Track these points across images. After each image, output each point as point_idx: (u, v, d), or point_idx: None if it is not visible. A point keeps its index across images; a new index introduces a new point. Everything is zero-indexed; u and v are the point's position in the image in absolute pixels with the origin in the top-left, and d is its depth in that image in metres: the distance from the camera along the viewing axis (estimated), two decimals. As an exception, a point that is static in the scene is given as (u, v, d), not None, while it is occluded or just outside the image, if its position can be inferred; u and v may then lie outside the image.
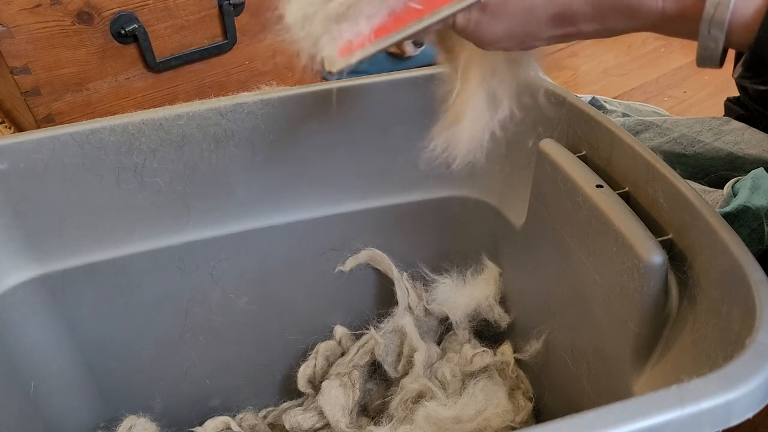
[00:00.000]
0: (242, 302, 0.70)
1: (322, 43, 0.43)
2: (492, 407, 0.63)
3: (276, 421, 0.73)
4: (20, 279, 0.61)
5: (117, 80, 0.84)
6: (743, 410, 0.33)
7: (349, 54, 0.42)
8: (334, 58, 0.43)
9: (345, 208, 0.69)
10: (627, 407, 0.32)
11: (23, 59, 0.76)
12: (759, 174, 0.63)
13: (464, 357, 0.70)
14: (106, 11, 0.79)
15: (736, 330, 0.39)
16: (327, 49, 0.43)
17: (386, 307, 0.74)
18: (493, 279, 0.70)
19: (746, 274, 0.39)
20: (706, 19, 0.36)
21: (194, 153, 0.61)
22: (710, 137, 0.76)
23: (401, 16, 0.42)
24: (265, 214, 0.66)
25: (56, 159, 0.58)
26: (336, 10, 0.42)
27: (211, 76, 0.91)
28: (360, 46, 0.42)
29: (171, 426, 0.71)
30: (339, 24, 0.42)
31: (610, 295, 0.51)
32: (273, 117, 0.62)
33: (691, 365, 0.43)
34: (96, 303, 0.65)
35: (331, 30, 0.43)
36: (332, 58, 0.43)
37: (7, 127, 0.90)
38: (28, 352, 0.63)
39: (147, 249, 0.64)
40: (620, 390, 0.50)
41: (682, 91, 1.34)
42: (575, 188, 0.53)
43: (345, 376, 0.69)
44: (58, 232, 0.61)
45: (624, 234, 0.47)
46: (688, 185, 0.46)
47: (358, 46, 0.42)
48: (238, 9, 0.88)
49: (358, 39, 0.42)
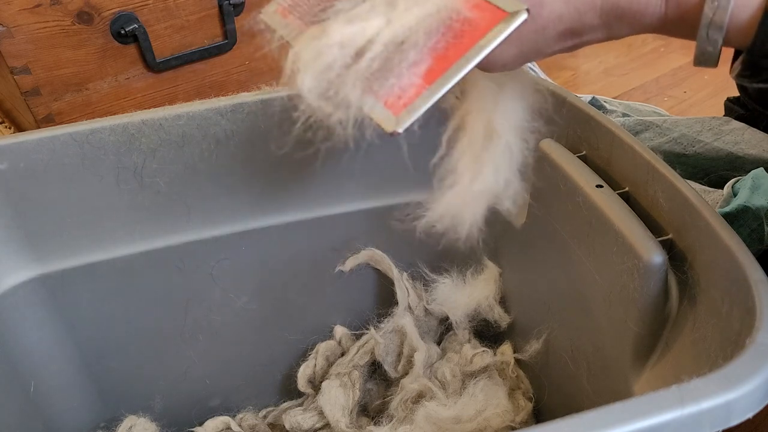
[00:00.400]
0: (242, 302, 0.70)
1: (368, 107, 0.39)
2: (492, 407, 0.63)
3: (276, 421, 0.73)
4: (20, 279, 0.61)
5: (117, 80, 0.84)
6: (743, 410, 0.33)
7: (409, 107, 0.38)
8: (390, 118, 0.38)
9: (345, 208, 0.69)
10: (627, 407, 0.32)
11: (23, 59, 0.76)
12: (759, 174, 0.63)
13: (464, 357, 0.70)
14: (106, 11, 0.79)
15: (736, 330, 0.39)
16: (377, 111, 0.39)
17: (386, 307, 0.74)
18: (493, 279, 0.70)
19: (746, 274, 0.39)
20: (704, 22, 0.36)
21: (194, 153, 0.61)
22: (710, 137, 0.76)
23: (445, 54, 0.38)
24: (265, 214, 0.66)
25: (56, 159, 0.58)
26: (370, 67, 0.38)
27: (211, 76, 0.91)
28: (417, 96, 0.38)
29: (171, 426, 0.71)
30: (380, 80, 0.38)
31: (610, 295, 0.51)
32: (273, 117, 0.62)
33: (691, 365, 0.43)
34: (96, 303, 0.65)
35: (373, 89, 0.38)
36: (388, 118, 0.38)
37: (7, 127, 0.90)
38: (28, 352, 0.63)
39: (147, 249, 0.64)
40: (620, 390, 0.50)
41: (682, 91, 1.34)
42: (575, 188, 0.53)
43: (345, 376, 0.69)
44: (58, 232, 0.61)
45: (624, 234, 0.47)
46: (688, 185, 0.46)
47: (414, 97, 0.38)
48: (238, 9, 0.88)
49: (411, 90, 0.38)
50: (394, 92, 0.38)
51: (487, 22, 0.37)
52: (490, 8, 0.38)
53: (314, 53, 0.39)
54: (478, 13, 0.38)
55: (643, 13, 0.38)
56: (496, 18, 0.37)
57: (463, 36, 0.38)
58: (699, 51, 0.37)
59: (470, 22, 0.38)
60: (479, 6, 0.38)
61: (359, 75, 0.38)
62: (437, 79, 0.38)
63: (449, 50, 0.38)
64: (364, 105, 0.39)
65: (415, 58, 0.38)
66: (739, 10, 0.35)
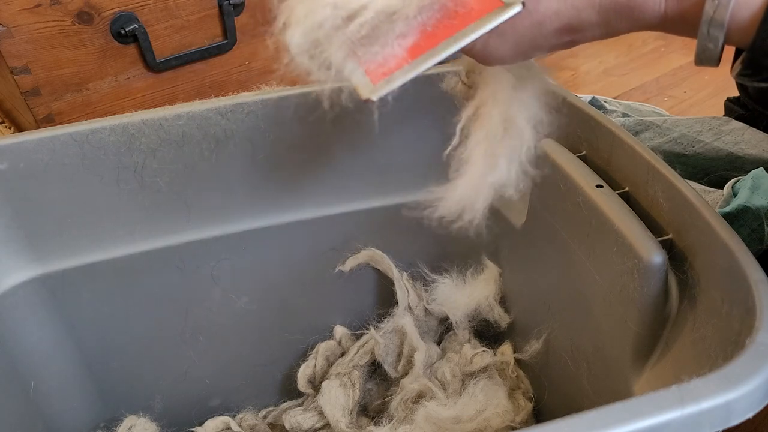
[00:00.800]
0: (242, 302, 0.70)
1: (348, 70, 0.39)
2: (492, 407, 0.63)
3: (276, 421, 0.73)
4: (20, 279, 0.61)
5: (117, 80, 0.84)
6: (743, 410, 0.33)
7: (388, 78, 0.38)
8: (368, 85, 0.38)
9: (345, 208, 0.69)
10: (627, 407, 0.32)
11: (23, 59, 0.76)
12: (759, 174, 0.63)
13: (464, 357, 0.70)
14: (106, 11, 0.79)
15: (736, 330, 0.39)
16: (356, 75, 0.39)
17: (386, 307, 0.74)
18: (493, 279, 0.70)
19: (746, 274, 0.39)
20: (705, 19, 0.36)
21: (194, 153, 0.61)
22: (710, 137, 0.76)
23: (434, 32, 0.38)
24: (265, 214, 0.66)
25: (56, 159, 0.58)
26: (358, 33, 0.38)
27: (211, 76, 0.91)
28: (397, 68, 0.38)
29: (171, 426, 0.71)
30: (366, 47, 0.38)
31: (610, 295, 0.51)
32: (273, 117, 0.62)
33: (691, 365, 0.43)
34: (96, 303, 0.65)
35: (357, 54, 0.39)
36: (366, 85, 0.39)
37: (7, 127, 0.90)
38: (28, 352, 0.63)
39: (147, 249, 0.64)
40: (620, 390, 0.50)
41: (682, 91, 1.34)
42: (575, 188, 0.53)
43: (345, 376, 0.69)
44: (58, 232, 0.61)
45: (624, 234, 0.47)
46: (688, 185, 0.46)
47: (394, 68, 0.38)
48: (238, 9, 0.88)
49: (393, 61, 0.38)
50: (377, 60, 0.39)
51: (481, 8, 0.37)
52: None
53: (307, 10, 0.39)
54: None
55: (642, 10, 0.38)
56: (491, 5, 0.37)
57: (455, 17, 0.38)
58: (700, 49, 0.37)
59: (465, 4, 0.38)
60: None
61: (346, 38, 0.39)
62: (421, 55, 0.38)
63: (438, 29, 0.38)
64: (345, 68, 0.39)
65: (403, 31, 0.38)
66: (740, 8, 0.35)
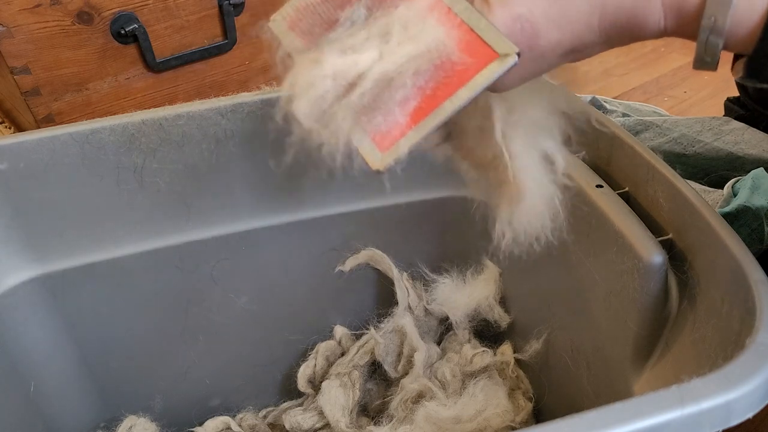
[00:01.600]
0: (242, 302, 0.70)
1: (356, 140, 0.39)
2: (492, 407, 0.63)
3: (276, 421, 0.73)
4: (20, 279, 0.61)
5: (117, 80, 0.84)
6: (743, 410, 0.33)
7: (393, 146, 0.38)
8: (376, 154, 0.38)
9: (345, 208, 0.69)
10: (627, 407, 0.32)
11: (23, 59, 0.76)
12: (759, 174, 0.63)
13: (464, 357, 0.70)
14: (106, 11, 0.79)
15: (736, 330, 0.39)
16: (364, 145, 0.39)
17: (386, 307, 0.74)
18: (493, 279, 0.70)
19: (746, 274, 0.39)
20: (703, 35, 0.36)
21: (194, 153, 0.61)
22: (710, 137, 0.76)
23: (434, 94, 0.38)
24: (265, 214, 0.66)
25: (56, 159, 0.58)
26: (360, 102, 0.38)
27: (211, 76, 0.91)
28: (401, 135, 0.38)
29: (171, 426, 0.71)
30: (369, 116, 0.38)
31: (610, 295, 0.51)
32: (273, 117, 0.62)
33: (691, 365, 0.43)
34: (96, 303, 0.65)
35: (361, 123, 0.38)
36: (374, 154, 0.38)
37: (7, 127, 0.90)
38: (28, 352, 0.63)
39: (147, 249, 0.64)
40: (620, 390, 0.50)
41: (682, 91, 1.34)
42: (575, 188, 0.53)
43: (345, 376, 0.69)
44: (58, 232, 0.61)
45: (624, 234, 0.47)
46: (688, 185, 0.46)
47: (398, 136, 0.38)
48: (238, 9, 0.88)
49: (397, 129, 0.38)
50: (381, 129, 0.39)
51: (477, 63, 0.37)
52: (482, 48, 0.37)
53: (308, 82, 0.39)
54: (469, 54, 0.38)
55: (642, 28, 0.38)
56: (487, 59, 0.37)
57: (453, 76, 0.38)
58: (698, 57, 0.37)
59: (461, 62, 0.38)
60: (471, 45, 0.38)
61: (350, 108, 0.38)
62: (423, 119, 0.38)
63: (438, 90, 0.38)
64: (354, 137, 0.39)
65: (404, 97, 0.38)
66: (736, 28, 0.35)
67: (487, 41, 0.37)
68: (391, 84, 0.38)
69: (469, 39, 0.38)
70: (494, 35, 0.37)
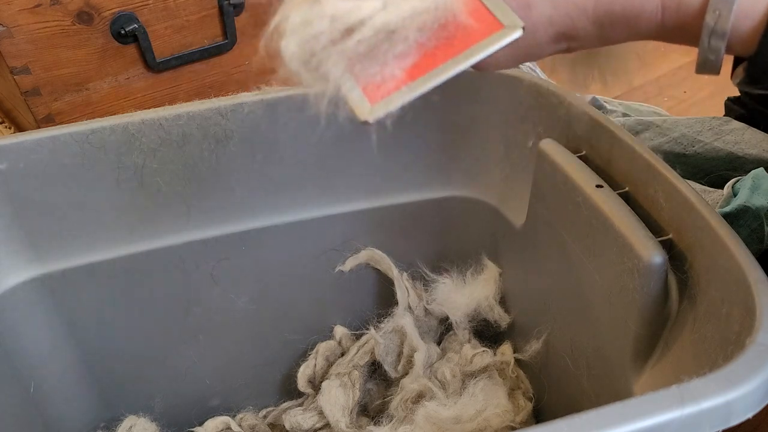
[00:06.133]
0: (242, 302, 0.70)
1: (345, 88, 0.37)
2: (492, 407, 0.63)
3: (276, 421, 0.73)
4: (20, 279, 0.61)
5: (117, 80, 0.84)
6: (743, 410, 0.33)
7: (385, 99, 0.37)
8: (365, 106, 0.37)
9: (345, 208, 0.69)
10: (627, 407, 0.32)
11: (23, 59, 0.76)
12: (759, 174, 0.63)
13: (464, 357, 0.70)
14: (106, 11, 0.79)
15: (736, 330, 0.39)
16: (353, 95, 0.37)
17: (386, 307, 0.74)
18: (493, 279, 0.70)
19: (746, 274, 0.39)
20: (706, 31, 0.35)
21: (194, 153, 0.61)
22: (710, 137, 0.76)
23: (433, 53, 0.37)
24: (265, 214, 0.66)
25: (56, 159, 0.58)
26: (356, 49, 0.36)
27: (211, 76, 0.91)
28: (395, 89, 0.37)
29: (171, 426, 0.71)
30: (363, 65, 0.37)
31: (610, 295, 0.51)
32: (273, 117, 0.62)
33: (691, 365, 0.43)
34: (96, 303, 0.65)
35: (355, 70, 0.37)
36: (363, 105, 0.37)
37: (7, 127, 0.90)
38: (28, 352, 0.63)
39: (147, 249, 0.64)
40: (620, 390, 0.50)
41: (682, 91, 1.34)
42: (575, 188, 0.53)
43: (345, 376, 0.69)
44: (58, 232, 0.61)
45: (624, 234, 0.47)
46: (688, 185, 0.46)
47: (392, 90, 0.37)
48: (238, 9, 0.88)
49: (391, 82, 0.37)
50: (375, 80, 0.37)
51: (481, 30, 0.37)
52: (488, 17, 0.37)
53: (303, 19, 0.38)
54: (475, 19, 0.37)
55: (638, 20, 0.37)
56: (491, 28, 0.37)
57: (455, 38, 0.37)
58: (701, 60, 0.37)
59: (465, 26, 0.37)
60: (477, 11, 0.37)
61: (344, 53, 0.37)
62: (420, 76, 0.37)
63: (438, 50, 0.37)
64: (343, 85, 0.38)
65: (403, 51, 0.37)
66: (742, 19, 0.35)
67: (493, 12, 0.37)
68: (392, 36, 0.37)
69: (476, 5, 0.37)
70: (502, 7, 0.37)
